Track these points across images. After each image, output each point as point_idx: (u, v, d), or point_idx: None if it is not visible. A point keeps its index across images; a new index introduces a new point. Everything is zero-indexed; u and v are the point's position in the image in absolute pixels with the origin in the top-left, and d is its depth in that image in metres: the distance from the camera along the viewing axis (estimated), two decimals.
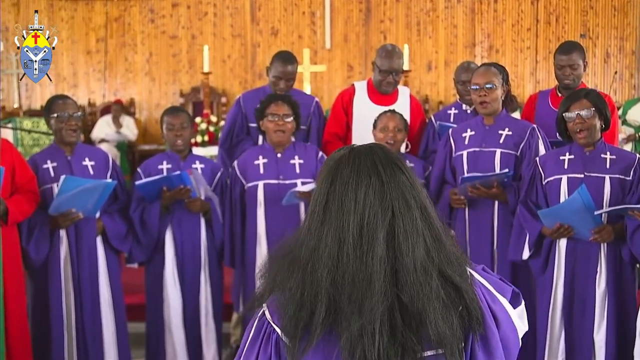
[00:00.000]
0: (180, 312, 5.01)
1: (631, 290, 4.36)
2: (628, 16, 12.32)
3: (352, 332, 1.71)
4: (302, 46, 11.88)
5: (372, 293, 1.71)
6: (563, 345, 4.40)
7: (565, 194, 4.33)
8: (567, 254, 4.36)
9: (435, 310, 1.72)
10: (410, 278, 1.73)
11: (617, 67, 12.42)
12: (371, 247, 1.74)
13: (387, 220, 1.76)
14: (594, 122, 4.29)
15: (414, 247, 1.75)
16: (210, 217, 5.00)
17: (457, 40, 12.65)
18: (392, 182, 1.79)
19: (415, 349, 1.71)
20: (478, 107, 4.76)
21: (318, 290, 1.75)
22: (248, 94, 5.86)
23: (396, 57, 5.39)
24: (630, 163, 4.31)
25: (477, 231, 4.75)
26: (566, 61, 5.09)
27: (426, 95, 12.43)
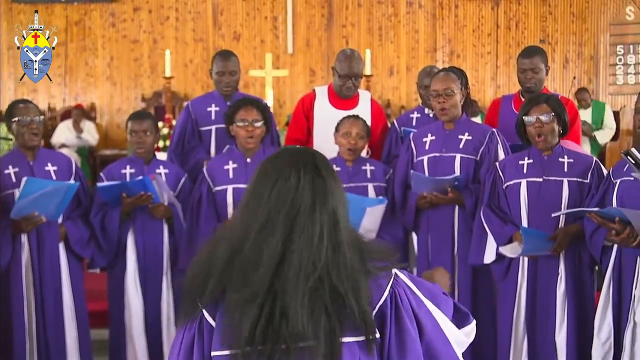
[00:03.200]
0: (142, 318, 4.98)
1: (590, 292, 4.43)
2: (586, 22, 12.49)
3: (232, 305, 1.88)
4: (265, 51, 11.88)
5: (255, 276, 1.88)
6: (526, 347, 4.45)
7: (525, 198, 4.38)
8: (529, 258, 4.41)
9: (302, 307, 1.85)
10: (290, 272, 1.87)
11: (575, 72, 12.58)
12: (269, 237, 1.90)
13: (290, 217, 1.91)
14: (552, 126, 4.35)
15: (305, 247, 1.90)
16: (173, 222, 4.97)
17: (418, 45, 12.72)
18: (307, 184, 1.93)
19: (279, 339, 1.86)
20: (438, 113, 4.81)
21: (215, 263, 1.93)
22: (196, 100, 5.89)
23: (355, 62, 5.40)
24: (587, 166, 4.38)
25: (438, 235, 4.79)
26: (528, 64, 5.15)
27: (388, 100, 12.48)
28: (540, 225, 4.32)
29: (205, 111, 5.56)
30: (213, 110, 5.56)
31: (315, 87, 5.79)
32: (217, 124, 5.51)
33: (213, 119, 5.54)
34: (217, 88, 5.61)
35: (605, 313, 4.17)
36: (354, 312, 1.89)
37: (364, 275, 1.95)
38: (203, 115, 5.56)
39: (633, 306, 4.04)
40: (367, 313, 1.91)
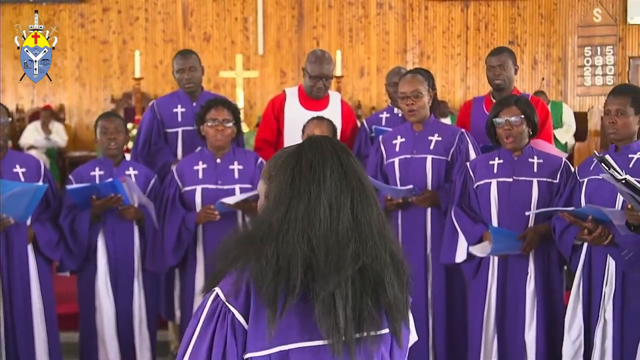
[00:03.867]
0: (114, 321, 4.95)
1: (559, 291, 4.48)
2: (554, 24, 12.61)
3: (328, 290, 1.86)
4: (235, 52, 11.84)
5: (345, 255, 1.88)
6: (496, 346, 4.48)
7: (495, 198, 4.42)
8: (499, 257, 4.44)
9: (390, 275, 1.92)
10: (370, 243, 1.92)
11: (544, 74, 12.69)
12: (340, 216, 1.92)
13: (349, 194, 1.94)
14: (521, 128, 4.39)
15: (370, 217, 1.95)
16: (144, 224, 4.95)
17: (388, 47, 12.77)
18: (349, 165, 1.97)
19: (374, 315, 1.89)
20: (407, 114, 4.83)
21: (293, 254, 1.88)
22: (161, 100, 5.83)
23: (326, 63, 5.41)
24: (556, 167, 4.43)
25: (410, 235, 4.79)
26: (496, 61, 5.23)
27: (359, 101, 12.51)
28: (510, 225, 4.36)
29: (171, 112, 5.52)
30: (179, 112, 5.52)
31: (285, 89, 5.79)
32: (183, 126, 5.48)
33: (179, 121, 5.51)
34: (180, 86, 5.59)
35: (575, 311, 4.21)
36: (407, 286, 2.02)
37: None
38: (169, 116, 5.52)
39: (603, 304, 4.08)
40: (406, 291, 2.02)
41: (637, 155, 4.01)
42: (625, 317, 4.03)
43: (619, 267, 4.01)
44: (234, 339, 1.90)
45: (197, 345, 1.92)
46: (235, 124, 4.90)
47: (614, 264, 4.03)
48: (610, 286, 4.05)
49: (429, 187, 4.75)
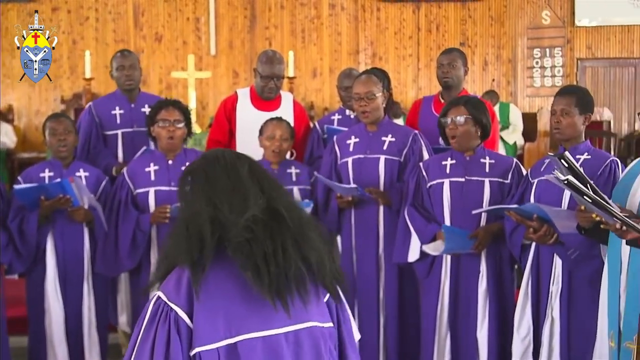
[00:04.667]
0: (63, 324, 4.88)
1: (510, 289, 4.53)
2: (504, 26, 12.75)
3: (240, 230, 1.96)
4: (187, 52, 11.78)
5: (247, 198, 2.04)
6: (449, 345, 4.52)
7: (448, 197, 4.46)
8: (451, 256, 4.48)
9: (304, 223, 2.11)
10: (275, 192, 2.11)
11: (494, 75, 12.84)
12: (239, 173, 2.08)
13: (246, 163, 2.13)
14: (467, 128, 4.43)
15: (270, 179, 2.15)
16: (94, 226, 4.90)
17: (341, 48, 12.80)
18: (241, 155, 2.18)
19: (298, 263, 2.02)
20: (360, 116, 4.84)
21: (199, 217, 1.99)
22: (99, 101, 5.74)
23: (277, 62, 5.40)
24: (508, 167, 4.49)
25: (363, 234, 4.81)
26: (446, 59, 5.32)
27: (311, 102, 12.52)
28: (463, 224, 4.40)
29: (109, 114, 5.45)
30: (118, 114, 5.45)
31: (237, 89, 5.77)
32: (123, 127, 5.43)
33: (118, 123, 5.45)
34: (118, 85, 5.51)
35: (524, 309, 4.26)
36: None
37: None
38: (107, 118, 5.44)
39: (550, 302, 4.14)
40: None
41: (584, 156, 4.07)
42: (571, 315, 4.08)
43: (565, 266, 4.06)
44: (178, 336, 1.91)
45: (140, 349, 1.93)
46: (187, 125, 4.88)
47: (561, 262, 4.08)
48: (557, 285, 4.11)
49: (382, 187, 4.76)
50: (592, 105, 4.18)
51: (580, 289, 4.05)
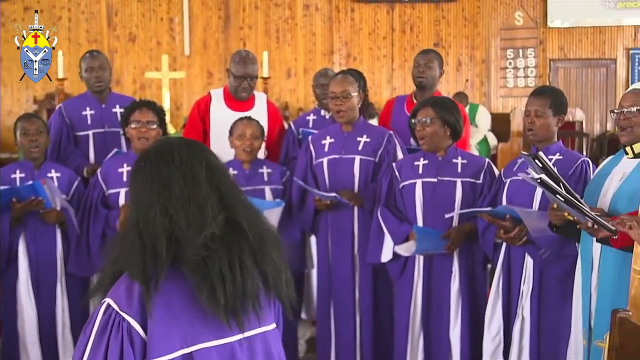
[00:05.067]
0: (36, 325, 4.85)
1: (482, 289, 4.56)
2: (478, 26, 12.82)
3: (196, 248, 1.89)
4: (161, 52, 11.73)
5: (205, 213, 1.95)
6: (422, 344, 4.54)
7: (420, 198, 4.47)
8: (424, 256, 4.50)
9: (265, 238, 2.06)
10: (235, 201, 2.03)
11: (468, 75, 12.90)
12: (195, 182, 1.98)
13: (203, 163, 2.02)
14: (434, 129, 4.45)
15: (228, 179, 2.07)
16: (66, 227, 4.86)
17: (315, 48, 12.80)
18: (196, 146, 2.09)
19: (255, 278, 1.97)
20: (335, 115, 4.85)
21: (154, 228, 1.90)
22: (69, 102, 5.71)
23: (250, 62, 5.40)
24: (480, 167, 4.51)
25: (338, 235, 4.82)
26: (422, 59, 5.37)
27: (286, 102, 12.52)
28: (435, 224, 4.42)
29: (80, 115, 5.42)
30: (88, 114, 5.43)
31: (210, 90, 5.76)
32: (94, 128, 5.40)
33: (89, 124, 5.42)
34: (88, 86, 5.49)
35: (495, 308, 4.29)
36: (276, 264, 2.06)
37: None
38: (78, 119, 5.41)
39: (521, 301, 4.17)
40: None
41: (556, 157, 4.10)
42: (542, 314, 4.12)
43: (536, 265, 4.09)
44: (131, 348, 1.85)
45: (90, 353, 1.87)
46: (160, 126, 4.86)
47: (532, 262, 4.11)
48: (528, 284, 4.14)
49: (356, 187, 4.78)
50: (565, 106, 4.22)
51: (550, 288, 4.08)
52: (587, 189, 3.75)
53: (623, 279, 3.41)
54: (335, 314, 4.85)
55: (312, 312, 5.61)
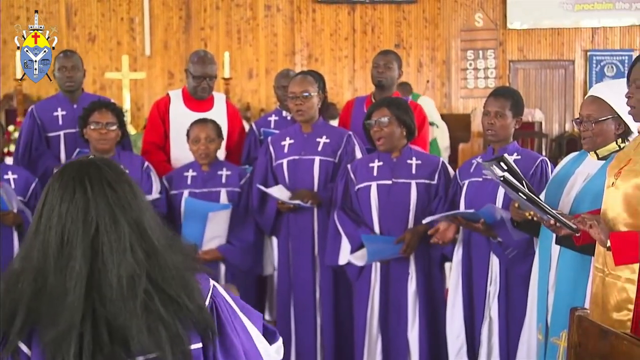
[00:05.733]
0: None
1: (440, 289, 4.58)
2: (438, 28, 12.90)
3: (47, 344, 1.71)
4: (121, 53, 11.65)
5: (65, 307, 1.73)
6: (380, 346, 4.56)
7: (376, 200, 4.49)
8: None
9: (139, 325, 1.75)
10: (114, 294, 1.75)
11: (429, 76, 12.98)
12: (69, 261, 1.76)
13: (89, 236, 1.78)
14: (391, 129, 4.46)
15: (119, 264, 1.77)
16: (24, 230, 4.80)
17: (277, 49, 12.80)
18: (99, 199, 1.81)
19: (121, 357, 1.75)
20: (295, 114, 4.86)
21: (19, 301, 1.75)
22: (40, 104, 5.66)
23: (208, 62, 5.37)
24: (434, 168, 4.52)
25: (298, 236, 4.83)
26: (382, 60, 5.44)
27: (247, 103, 12.49)
28: (391, 227, 4.44)
29: (51, 116, 5.37)
30: (60, 115, 5.38)
31: (169, 91, 5.72)
32: (65, 129, 5.35)
33: (60, 124, 5.37)
34: (60, 86, 5.44)
35: (454, 308, 4.32)
36: (190, 311, 1.83)
37: (191, 272, 1.91)
38: (49, 120, 5.37)
39: (488, 302, 4.20)
40: (204, 309, 1.87)
41: (514, 157, 4.13)
42: (510, 315, 4.15)
43: (502, 264, 4.13)
44: None
45: None
46: (120, 127, 4.82)
47: (497, 262, 4.15)
48: (495, 285, 4.17)
49: (316, 188, 4.78)
50: (523, 108, 4.28)
51: (517, 289, 4.11)
52: (548, 188, 3.79)
53: (581, 277, 3.46)
54: (296, 315, 4.86)
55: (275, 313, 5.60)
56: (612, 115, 3.47)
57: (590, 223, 3.06)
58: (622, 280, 3.03)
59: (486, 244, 4.17)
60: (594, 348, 2.72)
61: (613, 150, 3.52)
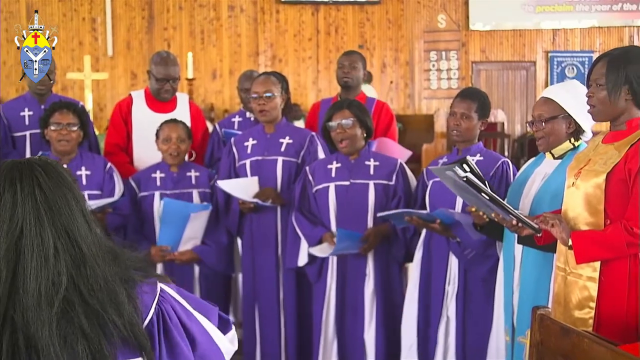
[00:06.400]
0: None
1: (398, 290, 4.58)
2: (402, 29, 12.97)
3: None
4: (83, 53, 11.56)
5: None
6: (336, 347, 4.57)
7: (334, 201, 4.49)
8: (338, 258, 4.52)
9: (51, 336, 1.67)
10: (29, 300, 1.68)
11: (392, 77, 13.04)
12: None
13: (14, 237, 1.72)
14: (354, 131, 4.46)
15: (39, 269, 1.71)
16: None
17: (241, 49, 12.78)
18: (27, 201, 1.75)
19: None
20: (258, 115, 4.85)
21: None
22: (8, 104, 5.60)
23: (171, 64, 5.34)
24: (392, 168, 4.52)
25: (261, 237, 4.82)
26: (347, 60, 5.44)
27: (211, 104, 12.46)
28: (348, 228, 4.43)
29: (18, 116, 5.32)
30: (26, 115, 5.32)
31: (131, 92, 5.68)
32: (31, 129, 5.30)
33: (27, 124, 5.32)
34: (30, 89, 5.39)
35: (410, 307, 4.35)
36: (117, 326, 1.74)
37: (124, 284, 1.81)
38: (16, 120, 5.32)
39: (446, 302, 4.23)
40: (135, 324, 1.78)
41: (477, 158, 4.16)
42: (467, 314, 4.19)
43: (461, 265, 4.16)
44: None
45: None
46: (82, 128, 4.77)
47: (456, 262, 4.18)
48: (453, 285, 4.19)
49: (279, 188, 4.78)
50: (489, 110, 4.31)
51: (475, 289, 4.15)
52: (510, 190, 3.83)
53: (543, 276, 3.51)
54: (260, 316, 4.85)
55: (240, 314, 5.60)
56: (562, 114, 3.53)
57: (552, 222, 3.10)
58: (583, 279, 3.07)
59: (446, 244, 4.19)
60: (556, 346, 2.75)
61: (568, 149, 3.59)
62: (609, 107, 3.08)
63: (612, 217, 3.00)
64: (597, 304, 3.04)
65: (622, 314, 2.99)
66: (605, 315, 3.03)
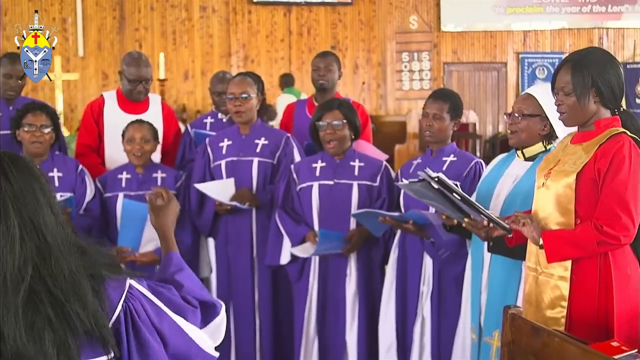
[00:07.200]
0: None
1: (379, 291, 4.59)
2: (374, 30, 13.01)
3: None
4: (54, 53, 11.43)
5: None
6: (317, 347, 4.57)
7: (317, 200, 4.50)
8: (319, 258, 4.53)
9: (17, 323, 1.69)
10: None
11: (365, 78, 13.07)
12: None
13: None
14: (343, 132, 4.49)
15: (5, 255, 1.73)
16: None
17: (213, 50, 12.74)
18: None
19: None
20: (234, 116, 4.84)
21: None
22: None
23: (143, 65, 5.29)
24: (377, 170, 4.55)
25: (236, 238, 4.81)
26: (322, 62, 5.43)
27: (183, 105, 12.41)
28: (331, 227, 4.44)
29: None
30: None
31: (103, 92, 5.64)
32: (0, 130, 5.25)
33: None
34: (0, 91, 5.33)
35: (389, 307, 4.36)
36: (80, 318, 1.76)
37: (90, 278, 1.83)
38: None
39: (421, 302, 4.25)
40: (100, 317, 1.80)
41: (450, 158, 4.19)
42: (442, 314, 4.21)
43: (435, 265, 4.18)
44: None
45: None
46: (54, 129, 4.73)
47: (431, 263, 4.20)
48: (428, 285, 4.21)
49: (255, 189, 4.78)
50: (462, 110, 4.33)
51: (449, 289, 4.17)
52: (478, 189, 3.85)
53: (512, 278, 3.53)
54: (235, 317, 4.84)
55: None
56: (541, 114, 3.55)
57: (523, 221, 3.13)
58: (555, 278, 3.10)
59: (420, 245, 4.21)
60: (527, 345, 2.77)
61: (539, 151, 3.61)
62: (580, 112, 3.11)
63: (583, 216, 3.03)
64: (569, 303, 3.06)
65: (594, 312, 3.03)
66: (576, 314, 3.06)
